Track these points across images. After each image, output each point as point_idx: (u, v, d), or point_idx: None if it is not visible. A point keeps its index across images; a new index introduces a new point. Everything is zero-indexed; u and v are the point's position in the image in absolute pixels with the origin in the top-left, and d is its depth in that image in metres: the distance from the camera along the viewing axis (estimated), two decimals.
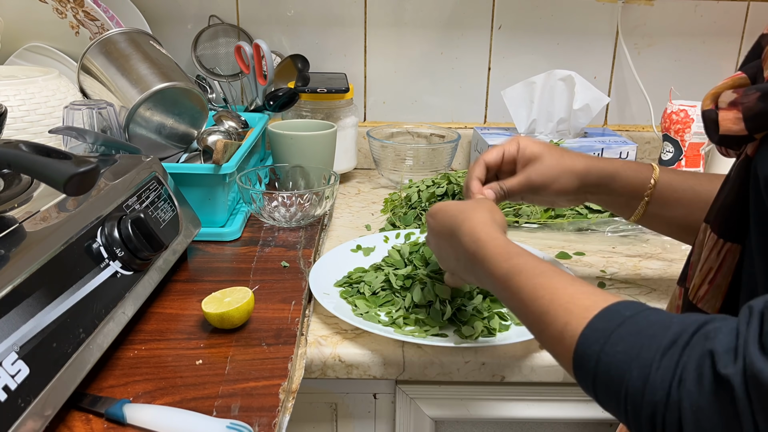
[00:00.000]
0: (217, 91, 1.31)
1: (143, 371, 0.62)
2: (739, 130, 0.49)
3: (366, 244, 0.92)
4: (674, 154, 1.17)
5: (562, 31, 1.34)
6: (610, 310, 0.45)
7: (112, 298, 0.61)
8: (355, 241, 0.92)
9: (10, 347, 0.47)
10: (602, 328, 0.44)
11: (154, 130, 0.96)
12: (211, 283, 0.79)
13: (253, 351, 0.65)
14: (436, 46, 1.34)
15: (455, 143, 1.23)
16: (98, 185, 0.67)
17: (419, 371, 0.72)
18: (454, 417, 0.79)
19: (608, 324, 0.44)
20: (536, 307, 0.50)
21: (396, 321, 0.74)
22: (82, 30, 1.11)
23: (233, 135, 1.04)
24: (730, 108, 0.51)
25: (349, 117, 1.25)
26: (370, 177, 1.33)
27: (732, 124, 0.50)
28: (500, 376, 0.73)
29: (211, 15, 1.30)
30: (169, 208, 0.76)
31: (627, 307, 0.45)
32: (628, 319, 0.44)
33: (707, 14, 1.33)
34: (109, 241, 0.63)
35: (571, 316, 0.47)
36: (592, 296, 0.47)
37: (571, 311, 0.47)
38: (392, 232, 0.95)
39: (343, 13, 1.31)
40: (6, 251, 0.52)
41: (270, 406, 0.57)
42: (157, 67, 0.95)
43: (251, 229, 0.96)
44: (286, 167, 1.05)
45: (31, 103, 0.89)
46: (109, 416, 0.55)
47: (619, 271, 0.91)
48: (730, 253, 0.52)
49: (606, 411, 0.45)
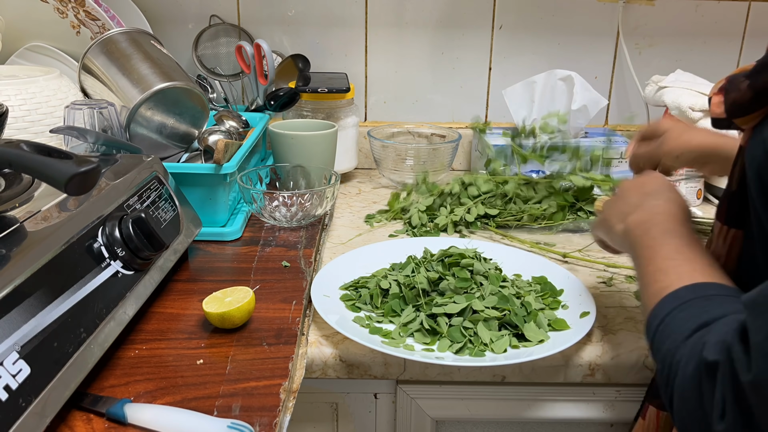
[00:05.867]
0: (217, 91, 1.31)
1: (144, 371, 0.62)
2: (720, 113, 0.53)
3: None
4: None
5: (563, 31, 1.34)
6: (696, 287, 0.51)
7: (113, 298, 0.61)
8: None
9: (11, 347, 0.47)
10: (678, 301, 0.51)
11: (155, 129, 0.96)
12: (212, 282, 0.79)
13: (254, 351, 0.65)
14: (436, 46, 1.34)
15: (456, 143, 1.23)
16: (99, 185, 0.67)
17: (420, 371, 0.73)
18: (454, 417, 0.79)
19: (685, 297, 0.51)
20: (663, 265, 0.56)
21: (392, 334, 0.73)
22: (83, 30, 1.11)
23: (234, 135, 1.04)
24: (718, 93, 0.54)
25: (350, 117, 1.25)
26: (370, 177, 1.33)
27: (716, 107, 0.54)
28: (500, 376, 0.73)
29: (212, 15, 1.30)
30: (170, 207, 0.77)
31: (701, 289, 0.51)
32: (692, 300, 0.50)
33: (708, 14, 1.33)
34: (110, 241, 0.63)
35: (678, 282, 0.53)
36: (705, 273, 0.53)
37: (682, 279, 0.53)
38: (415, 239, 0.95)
39: (344, 13, 1.31)
40: (7, 251, 0.52)
41: (271, 406, 0.57)
42: (158, 66, 0.95)
43: (252, 229, 0.96)
44: (287, 167, 1.05)
45: (32, 103, 0.89)
46: (110, 416, 0.55)
47: (620, 271, 0.91)
48: (736, 239, 0.55)
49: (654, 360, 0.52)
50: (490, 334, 0.71)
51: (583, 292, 0.79)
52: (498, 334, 0.71)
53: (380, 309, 0.77)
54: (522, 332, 0.72)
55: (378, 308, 0.78)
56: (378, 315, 0.76)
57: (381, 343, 0.69)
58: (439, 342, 0.71)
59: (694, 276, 0.53)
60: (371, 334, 0.72)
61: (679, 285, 0.52)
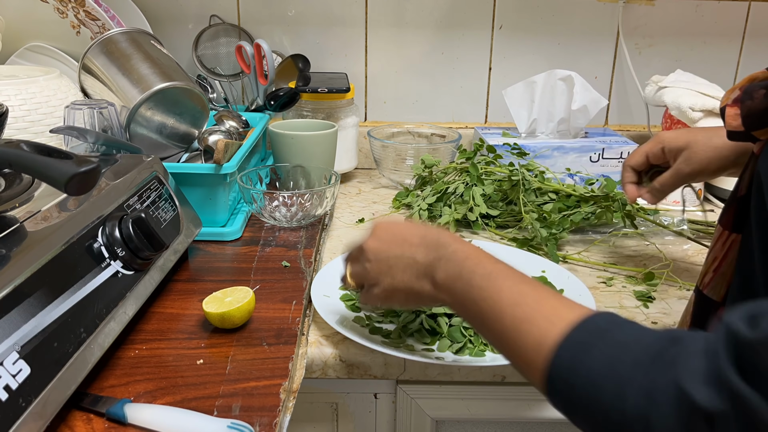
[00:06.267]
0: (218, 91, 1.31)
1: (144, 371, 0.62)
2: (737, 126, 0.51)
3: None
4: None
5: (563, 31, 1.34)
6: (588, 323, 0.44)
7: (113, 298, 0.61)
8: None
9: (12, 347, 0.47)
10: (580, 341, 0.43)
11: (155, 129, 0.96)
12: (212, 282, 0.79)
13: (254, 351, 0.65)
14: (437, 46, 1.34)
15: (456, 143, 1.23)
16: (99, 185, 0.67)
17: (420, 371, 0.73)
18: (454, 417, 0.79)
19: (587, 336, 0.43)
20: (518, 313, 0.48)
21: (392, 335, 0.73)
22: (83, 30, 1.11)
23: (234, 135, 1.04)
24: (733, 105, 0.52)
25: (350, 117, 1.25)
26: (370, 177, 1.33)
27: (732, 120, 0.51)
28: (500, 376, 0.73)
29: (212, 15, 1.30)
30: (170, 207, 0.77)
31: (604, 320, 0.44)
32: (605, 332, 0.43)
33: (708, 14, 1.33)
34: (110, 241, 0.63)
35: (552, 327, 0.45)
36: (576, 309, 0.46)
37: (553, 322, 0.45)
38: None
39: (344, 13, 1.31)
40: (7, 251, 0.52)
41: (271, 406, 0.57)
42: (158, 66, 0.95)
43: (252, 229, 0.96)
44: (286, 167, 1.05)
45: (32, 103, 0.89)
46: (110, 416, 0.55)
47: (620, 271, 0.91)
48: (735, 243, 0.54)
49: (575, 425, 0.44)
50: None
51: (583, 292, 0.79)
52: None
53: (380, 309, 0.77)
54: None
55: (378, 308, 0.78)
56: (378, 315, 0.77)
57: (381, 343, 0.69)
58: (439, 342, 0.71)
59: (562, 312, 0.46)
60: (371, 334, 0.72)
61: (576, 322, 0.45)
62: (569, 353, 0.43)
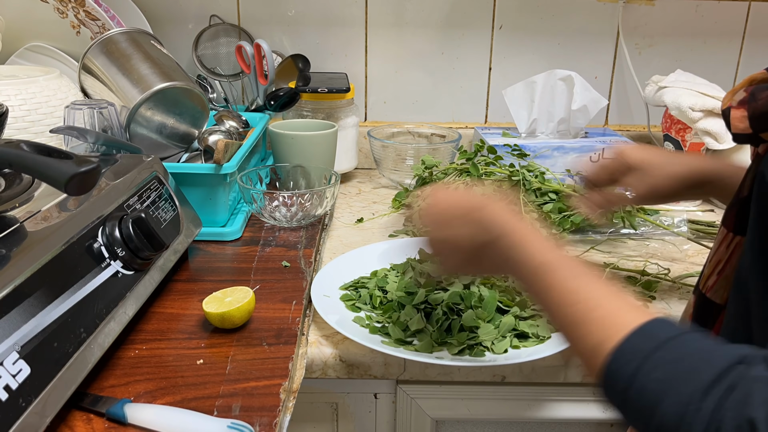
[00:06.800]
0: (218, 91, 1.31)
1: (144, 371, 0.62)
2: (744, 128, 0.50)
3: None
4: None
5: (563, 31, 1.34)
6: (647, 329, 0.42)
7: (113, 298, 0.61)
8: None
9: (12, 347, 0.47)
10: (639, 349, 0.41)
11: (155, 129, 0.96)
12: (212, 282, 0.79)
13: (254, 351, 0.65)
14: (436, 46, 1.34)
15: (456, 143, 1.23)
16: (99, 185, 0.67)
17: (420, 371, 0.73)
18: (454, 417, 0.79)
19: (646, 344, 0.41)
20: (571, 315, 0.47)
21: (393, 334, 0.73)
22: (83, 30, 1.11)
23: (234, 135, 1.04)
24: (739, 107, 0.51)
25: (350, 117, 1.25)
26: (370, 177, 1.33)
27: (739, 122, 0.51)
28: (500, 376, 0.73)
29: (212, 15, 1.30)
30: (170, 207, 0.77)
31: (665, 328, 0.42)
32: (666, 343, 0.41)
33: (708, 14, 1.33)
34: (110, 241, 0.63)
35: (608, 332, 0.43)
36: (632, 311, 0.44)
37: (609, 327, 0.43)
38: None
39: (343, 13, 1.31)
40: (7, 251, 0.52)
41: (271, 406, 0.57)
42: (158, 66, 0.95)
43: (252, 229, 0.96)
44: (287, 167, 1.05)
45: (32, 103, 0.89)
46: (110, 416, 0.55)
47: (620, 272, 0.91)
48: (739, 246, 0.53)
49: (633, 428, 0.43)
50: (490, 333, 0.71)
51: None
52: (497, 333, 0.71)
53: (380, 309, 0.77)
54: (522, 331, 0.72)
55: (378, 308, 0.78)
56: (378, 315, 0.77)
57: (381, 343, 0.69)
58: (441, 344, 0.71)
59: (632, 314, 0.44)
60: (371, 334, 0.72)
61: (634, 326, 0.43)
62: (626, 360, 0.42)
